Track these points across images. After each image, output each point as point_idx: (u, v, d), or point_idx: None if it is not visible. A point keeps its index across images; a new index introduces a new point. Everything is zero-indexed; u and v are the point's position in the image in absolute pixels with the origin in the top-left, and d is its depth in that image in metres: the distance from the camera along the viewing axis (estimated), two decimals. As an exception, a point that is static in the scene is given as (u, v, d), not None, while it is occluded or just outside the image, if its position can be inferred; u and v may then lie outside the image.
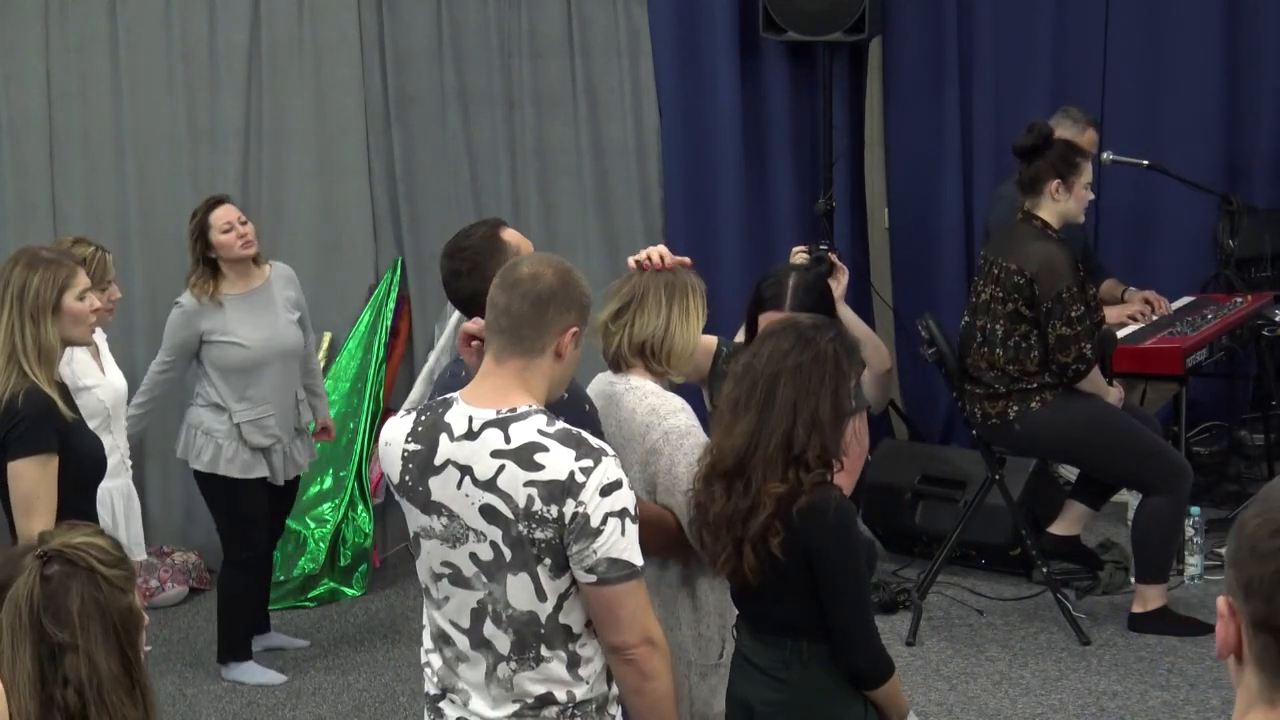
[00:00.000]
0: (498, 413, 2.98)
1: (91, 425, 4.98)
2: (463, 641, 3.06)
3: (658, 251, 3.65)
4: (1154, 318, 6.68)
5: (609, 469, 2.92)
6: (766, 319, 3.97)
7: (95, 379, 5.16)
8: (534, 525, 2.92)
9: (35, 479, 3.90)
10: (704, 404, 4.04)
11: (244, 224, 5.83)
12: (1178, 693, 5.34)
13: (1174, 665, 5.54)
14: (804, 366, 3.23)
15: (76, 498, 4.00)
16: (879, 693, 3.34)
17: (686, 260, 3.71)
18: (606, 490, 2.90)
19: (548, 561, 2.94)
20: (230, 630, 5.98)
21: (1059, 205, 5.65)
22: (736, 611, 3.50)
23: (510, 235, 3.83)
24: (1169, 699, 5.30)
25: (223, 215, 5.80)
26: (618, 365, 3.62)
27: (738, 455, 3.25)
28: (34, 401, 3.92)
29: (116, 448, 5.27)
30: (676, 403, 3.55)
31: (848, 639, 3.28)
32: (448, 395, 3.11)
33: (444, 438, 3.01)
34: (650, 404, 3.52)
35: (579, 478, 2.90)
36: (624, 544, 2.92)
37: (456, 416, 3.02)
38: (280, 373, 5.91)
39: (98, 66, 7.18)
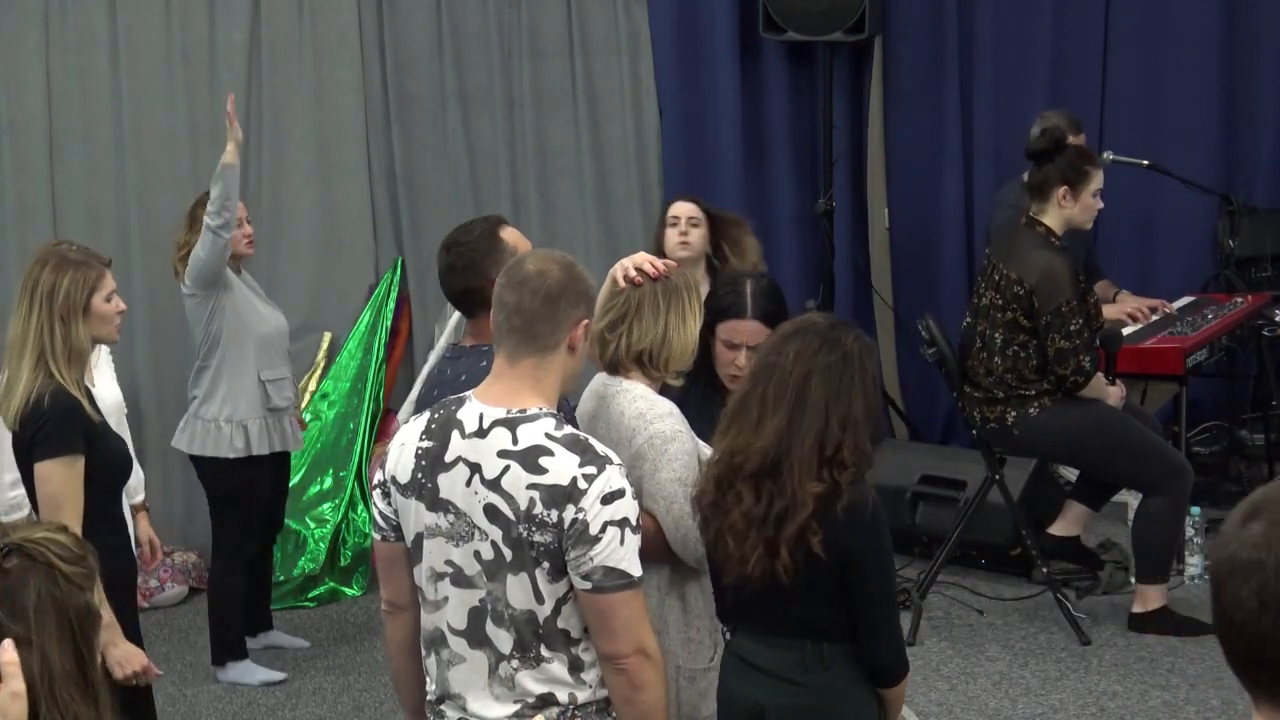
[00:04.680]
0: (508, 412, 2.99)
1: None
2: (458, 643, 3.05)
3: (646, 261, 3.63)
4: (1154, 318, 6.68)
5: (612, 477, 2.92)
6: (728, 328, 3.96)
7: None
8: (534, 528, 2.92)
9: (63, 479, 3.91)
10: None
11: (248, 223, 5.98)
12: (1178, 693, 5.34)
13: (1174, 665, 5.54)
14: (834, 366, 3.23)
15: (102, 499, 4.01)
16: (893, 691, 3.35)
17: (673, 264, 3.70)
18: (608, 499, 2.90)
19: (546, 565, 2.94)
20: (225, 630, 5.96)
21: (1065, 212, 5.63)
22: None
23: (509, 234, 3.82)
24: (1169, 699, 5.30)
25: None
26: (613, 369, 3.61)
27: (767, 455, 3.22)
28: (61, 402, 3.93)
29: None
30: (664, 407, 3.53)
31: (878, 636, 3.28)
32: (461, 394, 3.10)
33: (456, 434, 3.01)
34: (638, 408, 3.50)
35: (581, 484, 2.90)
36: (622, 553, 2.92)
37: (469, 414, 3.02)
38: (284, 348, 6.07)
39: (98, 66, 7.18)
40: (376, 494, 3.15)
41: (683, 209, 5.93)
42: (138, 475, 5.28)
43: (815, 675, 3.28)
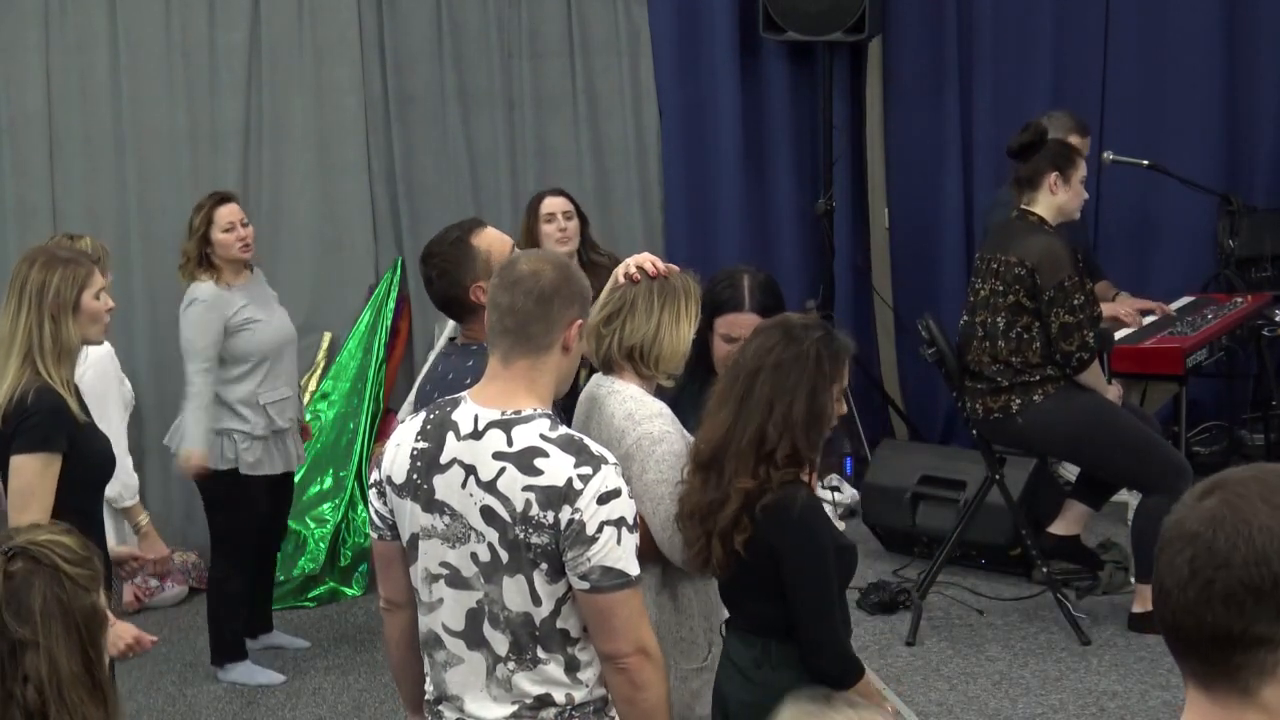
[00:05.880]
0: (502, 414, 2.99)
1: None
2: (455, 645, 3.05)
3: (649, 260, 3.64)
4: (1145, 321, 6.68)
5: (608, 477, 2.92)
6: (726, 322, 3.97)
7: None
8: (530, 530, 2.92)
9: (35, 474, 3.90)
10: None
11: (245, 226, 5.88)
12: (1178, 693, 5.33)
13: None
14: (784, 364, 3.23)
15: (86, 498, 4.00)
16: (849, 696, 3.32)
17: (675, 267, 3.71)
18: (604, 498, 2.90)
19: (544, 566, 2.94)
20: (225, 631, 5.95)
21: (1056, 199, 5.65)
22: (726, 613, 3.49)
23: (483, 238, 3.84)
24: (1169, 699, 5.29)
25: (226, 214, 5.85)
26: (606, 367, 3.62)
27: (714, 448, 3.26)
28: (46, 400, 3.92)
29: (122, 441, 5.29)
30: (654, 408, 3.53)
31: (812, 642, 3.25)
32: (456, 395, 3.10)
33: (451, 436, 3.01)
34: (627, 409, 3.50)
35: (577, 485, 2.89)
36: (619, 553, 2.92)
37: (464, 415, 3.02)
38: (290, 359, 6.03)
39: (98, 66, 7.18)
40: (373, 493, 3.15)
41: (557, 204, 5.98)
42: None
43: (764, 673, 3.28)
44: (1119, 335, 6.44)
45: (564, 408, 3.39)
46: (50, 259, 4.04)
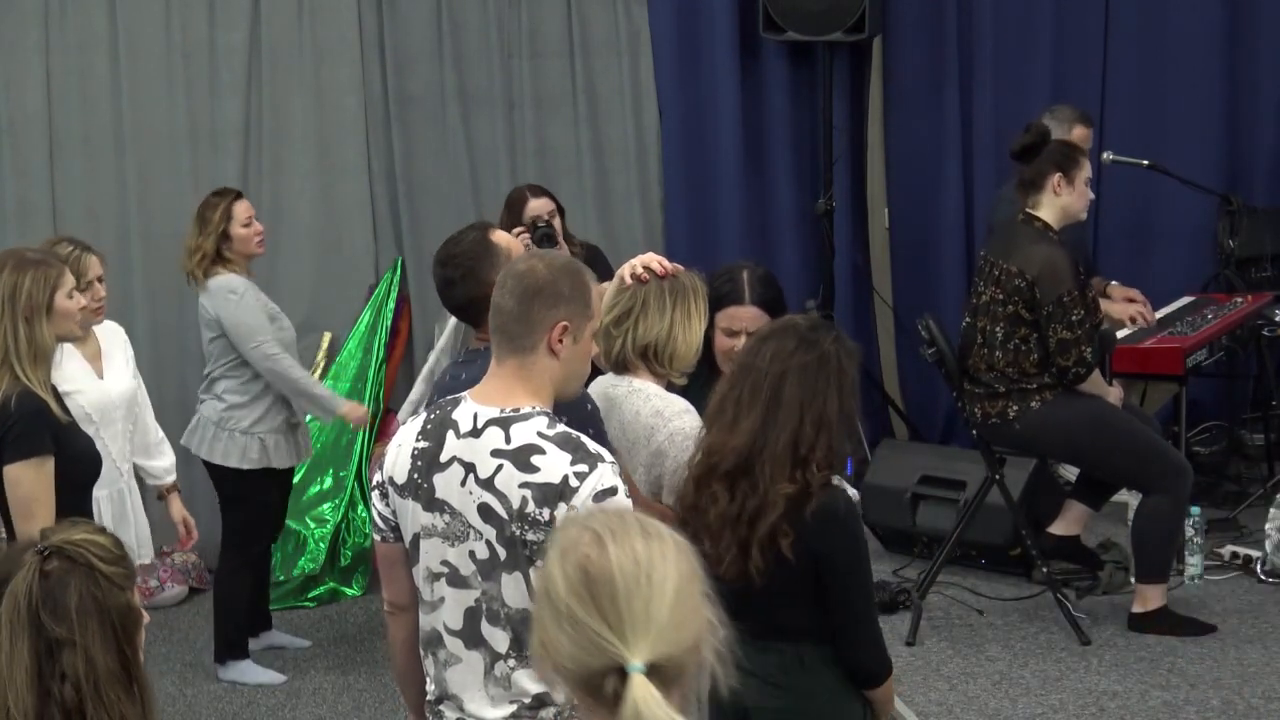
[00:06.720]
0: (501, 411, 2.99)
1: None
2: (454, 644, 3.06)
3: (655, 260, 3.65)
4: (1155, 321, 6.69)
5: (605, 475, 2.92)
6: (727, 315, 3.98)
7: (77, 385, 4.97)
8: (527, 527, 2.92)
9: (33, 481, 3.91)
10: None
11: (256, 221, 5.92)
12: (1178, 693, 5.34)
13: (1174, 665, 5.54)
14: (810, 367, 3.23)
15: (74, 498, 4.01)
16: (878, 692, 3.35)
17: (680, 266, 3.72)
18: (600, 496, 2.90)
19: (539, 564, 2.94)
20: (230, 628, 5.96)
21: (1061, 200, 5.63)
22: None
23: (500, 237, 3.82)
24: (1169, 699, 5.30)
25: (244, 210, 5.88)
26: (620, 368, 3.63)
27: (741, 455, 3.23)
28: (27, 404, 3.93)
29: (107, 453, 5.11)
30: (680, 404, 3.56)
31: (855, 640, 3.27)
32: (457, 395, 3.11)
33: (450, 434, 3.02)
34: (654, 406, 3.52)
35: (573, 482, 2.90)
36: None
37: (463, 414, 3.03)
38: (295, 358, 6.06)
39: (98, 66, 7.18)
40: (375, 495, 3.15)
41: (542, 205, 5.85)
42: (168, 457, 5.43)
43: (794, 678, 3.27)
44: (1121, 335, 6.44)
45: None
46: (20, 262, 4.04)
